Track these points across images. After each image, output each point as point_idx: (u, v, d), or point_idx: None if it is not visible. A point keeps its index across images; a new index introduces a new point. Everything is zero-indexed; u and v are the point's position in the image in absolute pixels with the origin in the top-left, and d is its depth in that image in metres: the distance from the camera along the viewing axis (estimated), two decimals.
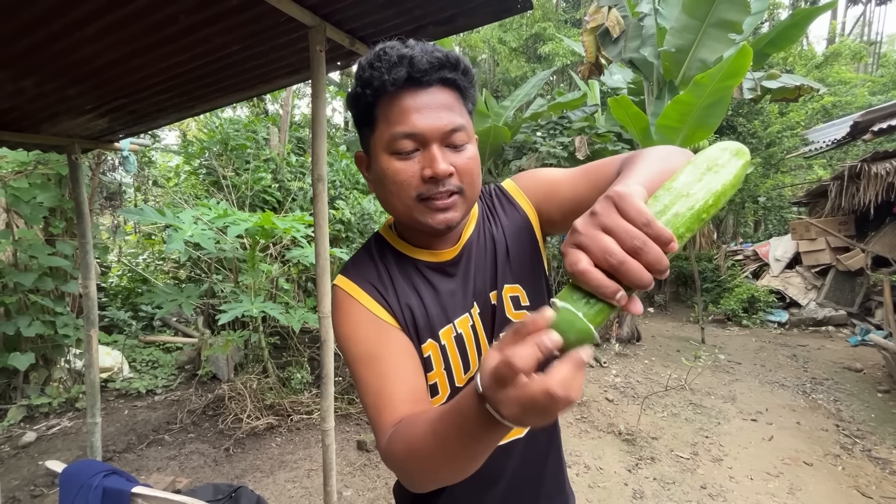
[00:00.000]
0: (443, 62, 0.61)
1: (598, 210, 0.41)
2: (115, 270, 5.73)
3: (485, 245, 0.76)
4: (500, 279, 0.74)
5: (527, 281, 0.75)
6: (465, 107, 0.66)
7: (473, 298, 0.73)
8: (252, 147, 4.69)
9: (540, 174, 0.79)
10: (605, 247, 0.39)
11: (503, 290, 0.73)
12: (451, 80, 0.63)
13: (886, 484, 2.70)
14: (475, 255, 0.75)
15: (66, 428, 3.29)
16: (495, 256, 0.75)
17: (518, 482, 0.76)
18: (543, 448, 0.79)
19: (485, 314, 0.73)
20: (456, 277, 0.74)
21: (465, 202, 0.66)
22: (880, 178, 5.97)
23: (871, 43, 20.14)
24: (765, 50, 5.92)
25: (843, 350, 5.53)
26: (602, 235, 0.39)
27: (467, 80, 0.65)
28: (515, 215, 0.77)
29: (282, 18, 1.47)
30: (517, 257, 0.75)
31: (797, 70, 11.15)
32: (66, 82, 1.81)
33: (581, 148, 6.86)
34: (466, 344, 0.72)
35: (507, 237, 0.76)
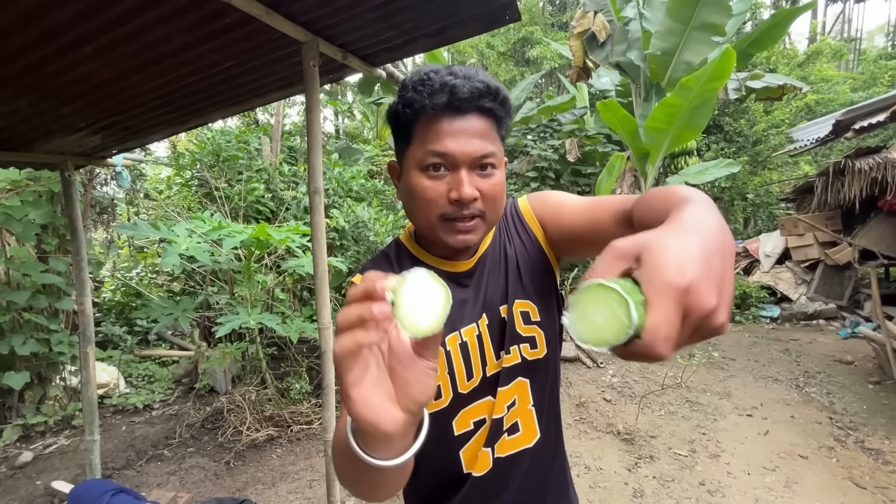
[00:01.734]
0: (482, 92, 0.64)
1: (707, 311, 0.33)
2: (109, 285, 5.68)
3: (499, 260, 0.79)
4: (512, 294, 0.77)
5: (537, 297, 0.78)
6: (499, 133, 0.70)
7: (483, 310, 0.76)
8: (244, 157, 4.69)
9: (550, 197, 0.82)
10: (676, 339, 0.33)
11: (514, 305, 0.76)
12: (489, 108, 0.66)
13: (880, 474, 2.75)
14: (489, 269, 0.78)
15: (63, 446, 3.26)
16: (507, 271, 0.78)
17: (526, 488, 0.78)
18: (550, 455, 0.81)
19: (493, 326, 0.76)
20: (468, 288, 0.77)
21: (486, 225, 0.70)
22: (864, 173, 6.10)
23: (851, 40, 20.54)
24: (748, 50, 6.04)
25: (834, 343, 5.61)
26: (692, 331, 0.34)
27: (504, 110, 0.68)
28: (526, 236, 0.81)
29: (275, 35, 1.49)
30: (529, 274, 0.78)
31: (780, 69, 11.35)
32: (60, 101, 1.82)
33: (572, 150, 6.93)
34: (471, 352, 0.75)
35: (518, 254, 0.79)
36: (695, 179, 5.51)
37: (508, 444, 0.76)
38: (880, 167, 5.89)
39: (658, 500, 2.53)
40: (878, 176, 5.94)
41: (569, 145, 6.99)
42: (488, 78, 0.66)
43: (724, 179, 8.69)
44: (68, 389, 3.67)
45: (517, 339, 0.75)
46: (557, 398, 0.85)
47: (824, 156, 10.01)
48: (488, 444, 0.75)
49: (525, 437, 0.77)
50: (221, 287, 4.35)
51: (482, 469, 0.75)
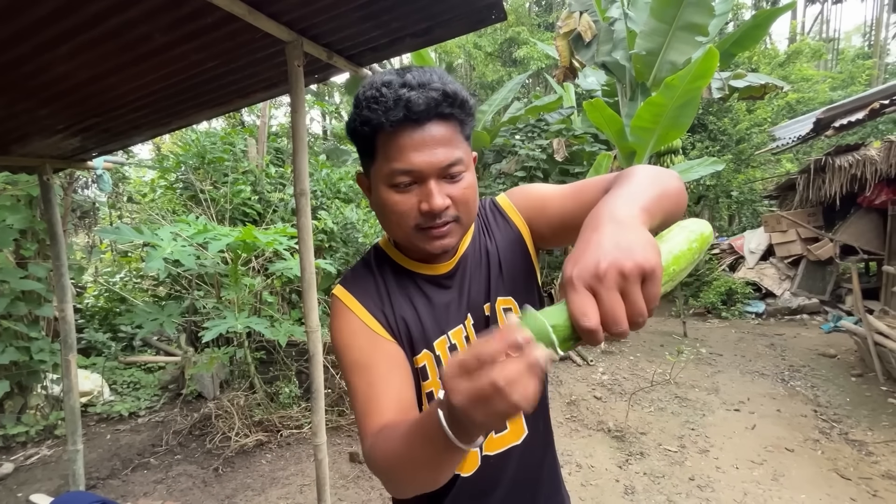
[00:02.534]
0: (438, 101, 0.62)
1: (627, 273, 0.40)
2: (92, 291, 5.56)
3: (479, 258, 0.79)
4: (494, 291, 0.77)
5: (519, 293, 0.78)
6: (463, 135, 0.67)
7: (468, 310, 0.76)
8: (230, 159, 4.63)
9: (532, 190, 0.81)
10: (616, 316, 0.40)
11: (496, 302, 0.76)
12: (448, 114, 0.64)
13: (863, 465, 2.81)
14: (470, 268, 0.78)
15: (45, 457, 3.18)
16: (489, 269, 0.78)
17: (517, 486, 0.78)
18: (539, 452, 0.82)
19: (479, 325, 0.76)
20: (451, 290, 0.76)
21: (462, 227, 0.69)
22: (844, 170, 6.23)
23: (830, 40, 21.01)
24: (731, 50, 6.13)
25: (818, 337, 5.73)
26: (619, 303, 0.40)
27: (464, 112, 0.66)
28: (508, 230, 0.80)
29: (258, 35, 1.47)
30: (510, 271, 0.78)
31: (762, 69, 11.56)
32: (37, 103, 1.77)
33: (559, 150, 6.97)
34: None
35: (500, 251, 0.79)
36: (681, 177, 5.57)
37: (496, 442, 0.76)
38: (859, 164, 6.03)
39: (649, 496, 2.54)
40: (857, 173, 6.07)
41: (556, 145, 7.03)
42: (445, 81, 0.64)
43: (709, 177, 8.82)
44: (50, 398, 3.58)
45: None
46: (545, 395, 0.85)
47: (805, 154, 10.21)
48: None
49: (513, 434, 0.77)
50: (208, 291, 4.28)
51: (470, 469, 0.75)
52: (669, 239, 0.53)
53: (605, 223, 0.46)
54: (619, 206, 0.50)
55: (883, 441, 3.08)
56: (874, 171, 5.92)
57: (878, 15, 19.15)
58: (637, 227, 0.46)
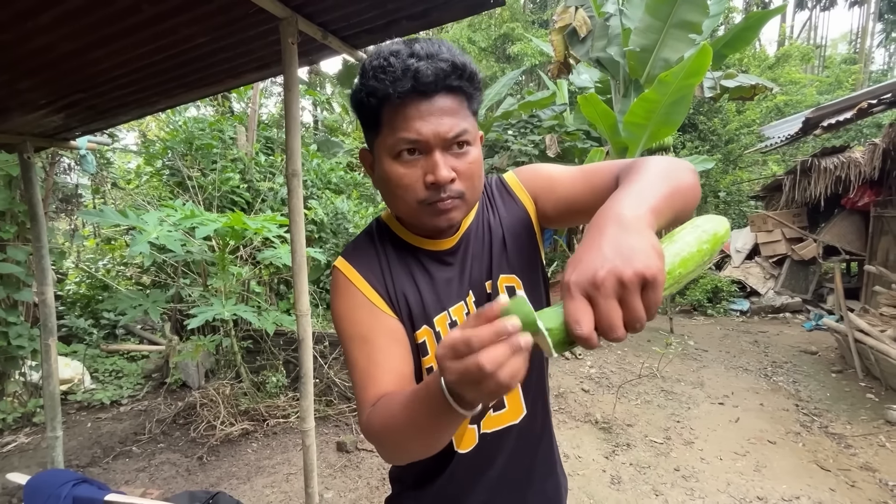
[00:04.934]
0: (447, 72, 0.61)
1: (626, 281, 0.39)
2: (73, 277, 5.43)
3: (483, 235, 0.77)
4: (496, 268, 0.75)
5: (523, 271, 0.77)
6: (470, 109, 0.67)
7: (469, 287, 0.75)
8: (219, 147, 4.54)
9: (541, 169, 0.80)
10: (612, 324, 0.40)
11: (498, 280, 0.75)
12: (456, 86, 0.63)
13: (842, 457, 2.87)
14: (473, 245, 0.77)
15: (22, 444, 3.10)
16: (491, 246, 0.76)
17: (512, 465, 0.78)
18: (536, 433, 0.82)
19: (480, 301, 0.75)
20: (453, 266, 0.75)
21: (466, 204, 0.68)
22: (829, 172, 6.35)
23: (817, 46, 21.37)
24: (722, 51, 6.19)
25: (800, 335, 5.85)
26: (615, 310, 0.40)
27: (472, 85, 0.65)
28: (514, 208, 0.79)
29: (251, 10, 1.43)
30: (514, 248, 0.77)
31: (752, 70, 11.70)
32: (17, 75, 1.70)
33: (552, 146, 6.98)
34: None
35: (504, 228, 0.77)
36: None
37: (494, 420, 0.76)
38: (844, 166, 6.15)
39: (635, 486, 2.57)
40: (841, 175, 6.19)
41: (549, 141, 7.04)
42: (454, 53, 0.63)
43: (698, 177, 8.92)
44: (28, 385, 3.49)
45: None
46: (545, 376, 0.84)
47: (792, 156, 10.38)
48: (473, 422, 0.75)
49: (511, 413, 0.77)
50: (194, 279, 4.21)
51: (468, 446, 0.75)
52: (678, 239, 0.50)
53: (610, 225, 0.45)
54: (626, 205, 0.48)
55: (861, 434, 3.15)
56: (858, 174, 6.04)
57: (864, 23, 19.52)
58: (641, 230, 0.44)
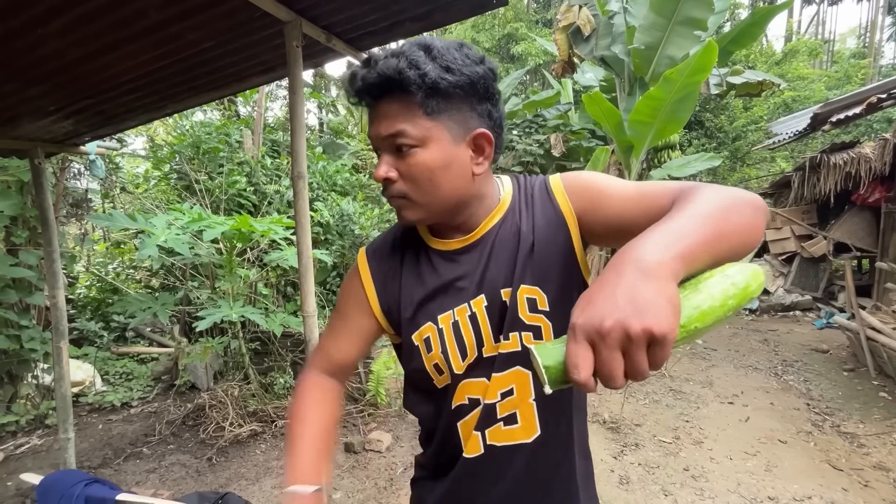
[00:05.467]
0: (389, 77, 0.62)
1: (632, 336, 0.38)
2: (84, 281, 5.50)
3: (508, 238, 0.74)
4: (518, 278, 0.71)
5: (549, 285, 0.71)
6: (424, 108, 0.64)
7: (481, 290, 0.73)
8: (225, 150, 4.58)
9: (590, 179, 0.74)
10: (612, 374, 0.39)
11: (519, 290, 0.71)
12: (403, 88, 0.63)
13: (855, 456, 2.84)
14: (494, 247, 0.74)
15: (35, 446, 3.14)
16: (517, 252, 0.72)
17: (524, 484, 0.75)
18: (556, 455, 0.77)
19: (492, 308, 0.72)
20: (463, 266, 0.74)
21: (416, 205, 0.69)
22: (839, 168, 6.27)
23: (825, 41, 21.13)
24: (728, 48, 6.14)
25: (810, 333, 5.78)
26: (617, 362, 0.39)
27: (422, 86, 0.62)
28: (552, 215, 0.73)
29: (256, 14, 1.44)
30: (543, 258, 0.72)
31: (759, 67, 11.60)
32: (28, 82, 1.73)
33: (557, 145, 6.96)
34: (463, 332, 0.72)
35: (536, 235, 0.73)
36: (677, 173, 5.59)
37: (504, 435, 0.73)
38: (854, 162, 6.07)
39: (644, 486, 2.56)
40: (851, 171, 6.12)
41: (554, 140, 7.02)
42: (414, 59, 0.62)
43: (706, 174, 8.85)
44: (41, 388, 3.54)
45: (519, 325, 0.70)
46: (571, 397, 0.77)
47: (801, 152, 10.27)
48: (479, 428, 0.73)
49: (524, 430, 0.73)
50: (202, 282, 4.25)
51: (472, 451, 0.74)
52: (703, 289, 0.46)
53: (629, 269, 0.42)
54: (654, 247, 0.44)
55: (874, 433, 3.11)
56: (868, 169, 5.96)
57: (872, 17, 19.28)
58: (662, 280, 0.41)
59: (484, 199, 0.74)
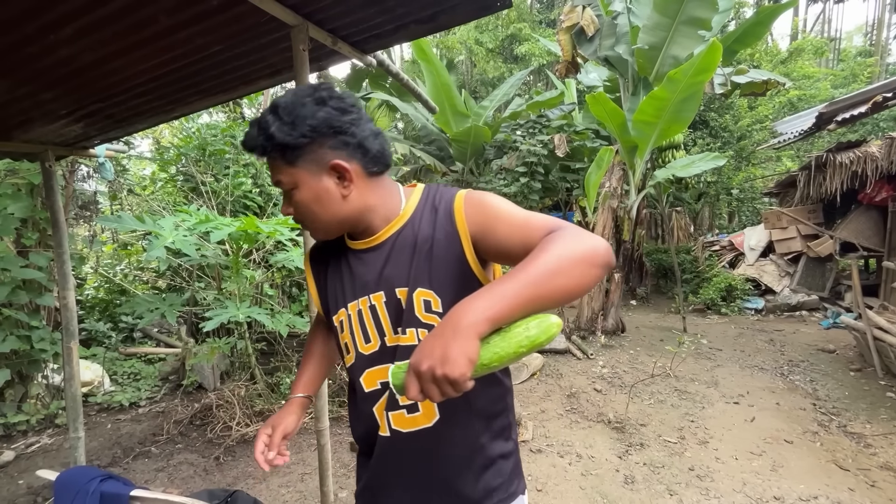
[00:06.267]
0: (251, 147, 0.79)
1: (436, 377, 0.57)
2: (92, 282, 5.56)
3: (407, 243, 0.84)
4: (414, 280, 0.81)
5: (444, 290, 0.81)
6: (285, 160, 0.78)
7: (380, 287, 0.84)
8: (231, 152, 4.62)
9: (488, 206, 0.80)
10: (429, 395, 0.59)
11: (416, 292, 0.81)
12: (262, 150, 0.79)
13: (862, 457, 2.82)
14: (393, 250, 0.85)
15: (46, 445, 3.19)
16: (413, 256, 0.83)
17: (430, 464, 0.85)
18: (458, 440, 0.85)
19: (390, 304, 0.84)
20: (367, 264, 0.87)
21: (314, 229, 0.86)
22: (845, 167, 6.24)
23: (831, 39, 20.96)
24: (732, 47, 6.12)
25: (817, 333, 5.75)
26: (430, 388, 0.58)
27: (275, 148, 0.77)
28: (450, 231, 0.82)
29: (263, 18, 1.46)
30: (439, 266, 0.81)
31: (763, 66, 11.54)
32: (40, 86, 1.76)
33: (560, 145, 6.97)
34: (365, 320, 0.86)
35: (434, 245, 0.82)
36: (682, 172, 5.58)
37: (408, 422, 0.84)
38: (860, 161, 6.03)
39: (649, 485, 2.56)
40: (858, 169, 6.08)
41: (557, 140, 7.03)
42: (263, 124, 0.77)
43: (710, 174, 8.82)
44: (51, 388, 3.59)
45: (415, 322, 0.81)
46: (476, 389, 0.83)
47: (806, 151, 10.21)
48: (388, 409, 0.85)
49: (425, 416, 0.83)
50: (209, 283, 4.28)
51: (385, 431, 0.86)
52: (507, 338, 0.62)
53: (448, 327, 0.59)
54: (472, 311, 0.59)
55: (881, 434, 3.09)
56: (875, 168, 5.93)
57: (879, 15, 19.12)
58: (467, 340, 0.57)
59: (375, 210, 0.85)
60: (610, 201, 5.58)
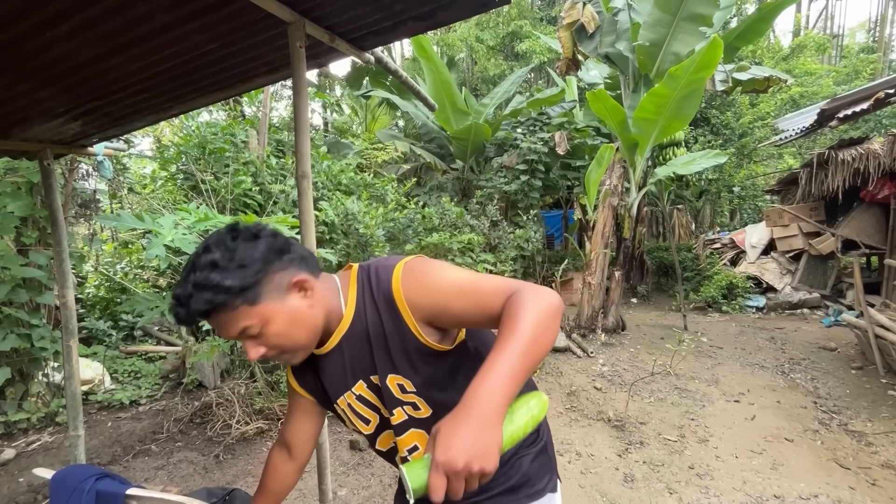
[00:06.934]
0: (207, 311, 0.74)
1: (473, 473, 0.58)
2: (92, 280, 5.57)
3: (360, 336, 0.86)
4: (381, 367, 0.85)
5: (409, 372, 0.84)
6: (250, 301, 0.75)
7: (356, 378, 0.89)
8: (231, 150, 4.61)
9: (431, 284, 0.80)
10: (457, 492, 0.58)
11: (388, 378, 0.85)
12: (211, 310, 0.74)
13: (863, 455, 2.82)
14: (350, 346, 0.88)
15: (46, 443, 3.19)
16: (370, 346, 0.85)
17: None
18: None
19: (372, 387, 0.89)
20: (335, 365, 0.90)
21: (294, 352, 0.84)
22: (847, 164, 6.21)
23: (834, 36, 20.85)
24: (734, 44, 6.10)
25: (818, 331, 5.73)
26: (461, 485, 0.58)
27: (235, 294, 0.73)
28: (396, 319, 0.82)
29: (260, 15, 1.45)
30: (397, 353, 0.84)
31: (765, 63, 11.50)
32: (37, 84, 1.75)
33: (561, 143, 6.95)
34: (357, 409, 0.93)
35: (386, 332, 0.83)
36: (683, 170, 5.56)
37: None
38: (863, 158, 6.01)
39: (649, 483, 2.55)
40: (860, 167, 6.05)
41: (558, 138, 7.01)
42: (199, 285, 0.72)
43: (712, 172, 8.79)
44: (51, 386, 3.59)
45: (398, 403, 0.87)
46: None
47: (808, 149, 10.18)
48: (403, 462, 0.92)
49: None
50: None
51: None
52: (514, 420, 0.66)
53: (472, 422, 0.59)
54: (489, 399, 0.61)
55: (882, 432, 3.08)
56: (877, 166, 5.90)
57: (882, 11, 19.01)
58: (494, 430, 0.60)
59: (331, 313, 0.86)
60: (610, 199, 5.56)
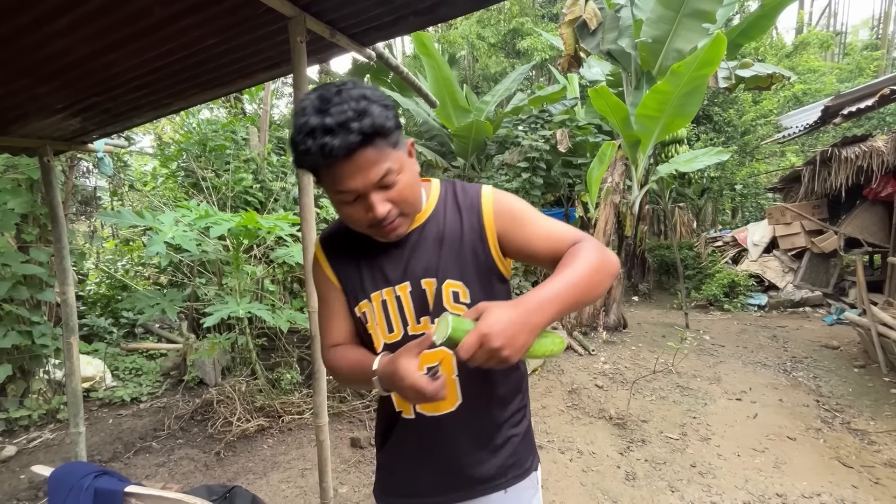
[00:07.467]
0: (354, 142, 0.68)
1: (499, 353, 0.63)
2: (93, 277, 5.57)
3: (436, 235, 0.86)
4: (443, 272, 0.84)
5: (472, 281, 0.85)
6: (389, 143, 0.73)
7: (406, 277, 0.86)
8: (232, 148, 4.60)
9: (517, 209, 0.87)
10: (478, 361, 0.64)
11: (444, 283, 0.84)
12: (367, 140, 0.70)
13: (865, 453, 2.80)
14: (422, 241, 0.86)
15: (48, 440, 3.20)
16: (441, 247, 0.85)
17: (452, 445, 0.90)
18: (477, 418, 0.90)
19: (415, 294, 0.85)
20: (394, 256, 0.87)
21: (409, 216, 0.82)
22: (850, 162, 6.18)
23: (837, 33, 20.75)
24: (737, 40, 6.06)
25: (820, 329, 5.71)
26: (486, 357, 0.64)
27: (383, 134, 0.71)
28: (477, 226, 0.86)
29: (260, 10, 1.44)
30: (466, 259, 0.85)
31: (768, 60, 11.43)
32: (36, 80, 1.74)
33: (563, 141, 6.92)
34: (390, 310, 0.87)
35: (464, 238, 0.86)
36: (685, 167, 5.54)
37: (431, 407, 0.88)
38: (866, 155, 5.98)
39: (650, 482, 2.55)
40: (863, 164, 6.02)
41: (560, 136, 6.98)
42: (361, 112, 0.68)
43: (714, 169, 8.76)
44: (52, 383, 3.60)
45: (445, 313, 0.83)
46: (494, 373, 0.90)
47: (811, 146, 10.13)
48: None
49: (448, 402, 0.88)
50: (209, 278, 4.28)
51: (407, 414, 0.90)
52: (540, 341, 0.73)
53: (520, 317, 0.65)
54: (542, 309, 0.68)
55: (885, 430, 3.07)
56: (881, 163, 5.87)
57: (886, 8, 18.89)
58: (532, 334, 0.67)
59: None
60: (612, 197, 5.54)
